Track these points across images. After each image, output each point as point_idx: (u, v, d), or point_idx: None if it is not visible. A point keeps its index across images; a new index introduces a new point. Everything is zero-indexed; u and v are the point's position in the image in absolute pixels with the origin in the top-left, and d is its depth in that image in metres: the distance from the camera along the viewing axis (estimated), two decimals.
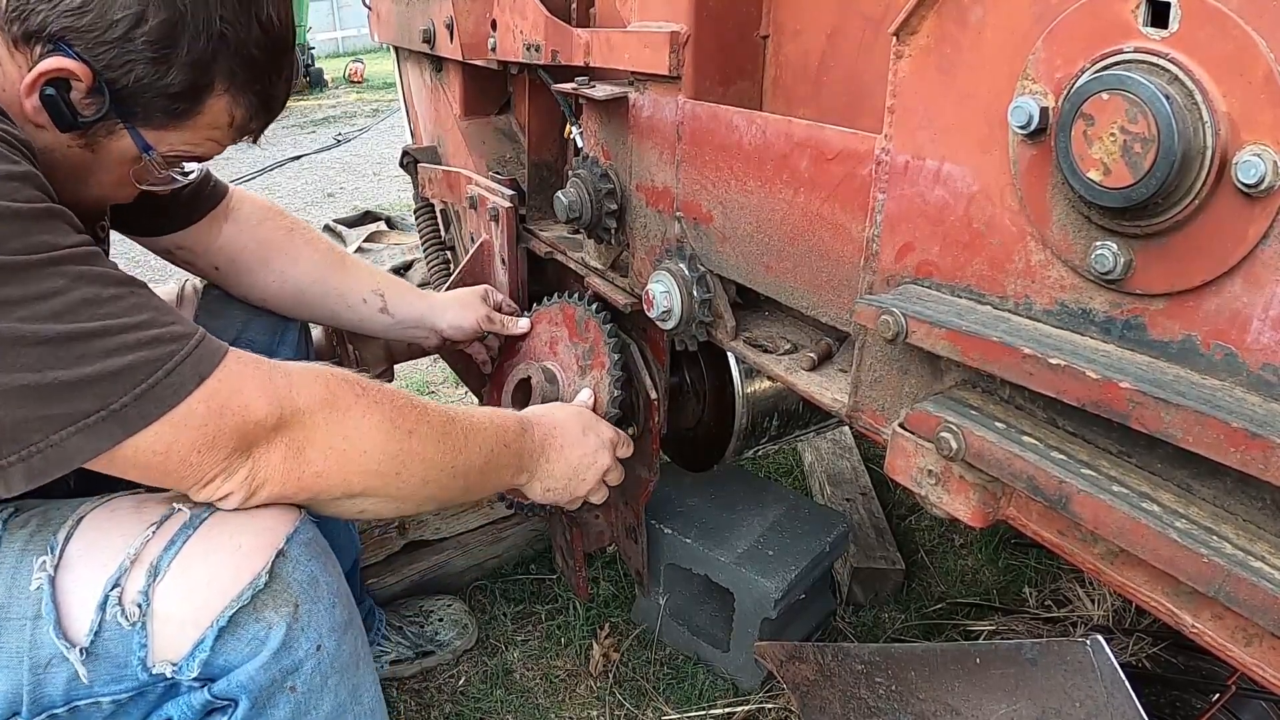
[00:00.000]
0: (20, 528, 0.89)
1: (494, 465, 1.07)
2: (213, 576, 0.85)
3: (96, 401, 0.76)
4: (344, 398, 0.92)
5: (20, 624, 0.84)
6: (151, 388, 0.79)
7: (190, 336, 0.82)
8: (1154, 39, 0.56)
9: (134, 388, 0.78)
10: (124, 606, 0.83)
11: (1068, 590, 1.78)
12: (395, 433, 0.95)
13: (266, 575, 0.86)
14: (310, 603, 0.89)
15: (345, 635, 0.93)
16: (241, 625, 0.85)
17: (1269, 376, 0.55)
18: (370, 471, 0.94)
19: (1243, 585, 0.53)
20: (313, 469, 0.90)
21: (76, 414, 0.76)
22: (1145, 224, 0.59)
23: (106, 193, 1.03)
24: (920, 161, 0.76)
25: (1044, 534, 0.72)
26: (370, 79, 12.91)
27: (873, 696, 1.26)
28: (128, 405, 0.78)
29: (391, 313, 1.48)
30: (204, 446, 0.83)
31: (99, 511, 0.90)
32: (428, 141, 2.14)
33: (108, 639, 0.83)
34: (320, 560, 0.92)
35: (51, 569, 0.84)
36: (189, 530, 0.87)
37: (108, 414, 0.77)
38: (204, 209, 1.37)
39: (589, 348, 1.40)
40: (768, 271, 1.01)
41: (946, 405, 0.74)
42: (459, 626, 1.71)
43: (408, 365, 2.87)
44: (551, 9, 1.32)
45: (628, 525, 1.62)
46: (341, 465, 0.92)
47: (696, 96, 1.07)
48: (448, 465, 1.01)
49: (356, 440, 0.92)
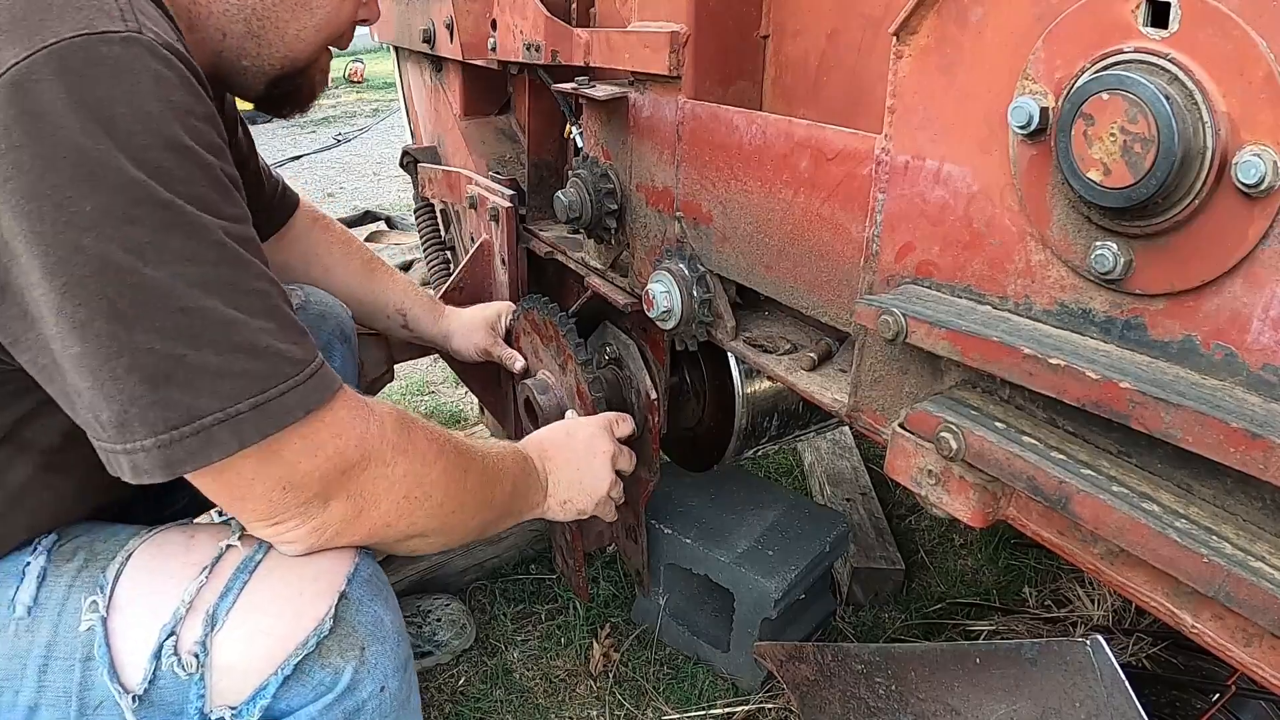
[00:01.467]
0: (66, 560, 0.86)
1: (521, 491, 1.08)
2: (274, 624, 0.82)
3: (216, 401, 0.71)
4: (417, 443, 0.89)
5: (69, 664, 0.82)
6: (266, 402, 0.73)
7: (309, 363, 0.77)
8: (1154, 39, 0.56)
9: (251, 395, 0.72)
10: (180, 656, 0.80)
11: (1068, 590, 1.78)
12: (456, 473, 0.93)
13: (331, 620, 0.83)
14: (376, 644, 0.86)
15: (405, 672, 0.91)
16: (306, 672, 0.82)
17: (1269, 376, 0.55)
18: (433, 514, 0.92)
19: (1243, 585, 0.53)
20: (384, 520, 0.87)
21: (193, 410, 0.70)
22: (1145, 224, 0.59)
23: (312, 39, 0.95)
24: (920, 161, 0.76)
25: (1044, 534, 0.72)
26: (370, 79, 12.89)
27: (873, 696, 1.26)
28: (245, 415, 0.72)
29: (411, 329, 1.56)
30: (288, 484, 0.78)
31: (148, 548, 0.87)
32: (428, 141, 2.14)
33: (163, 687, 0.81)
34: (382, 598, 0.89)
35: (103, 610, 0.82)
36: (244, 575, 0.83)
37: (225, 419, 0.71)
38: (281, 220, 1.40)
39: (558, 346, 1.41)
40: (768, 271, 1.01)
41: (946, 405, 0.74)
42: (457, 626, 1.71)
43: (408, 365, 2.87)
44: (551, 9, 1.32)
45: (628, 525, 1.62)
46: (410, 511, 0.89)
47: (696, 96, 1.06)
48: (490, 499, 1.00)
49: (428, 487, 0.90)
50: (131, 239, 0.67)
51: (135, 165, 0.67)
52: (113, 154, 0.67)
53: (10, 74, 0.65)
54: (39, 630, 0.83)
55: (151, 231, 0.68)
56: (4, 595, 0.85)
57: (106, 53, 0.67)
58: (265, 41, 0.91)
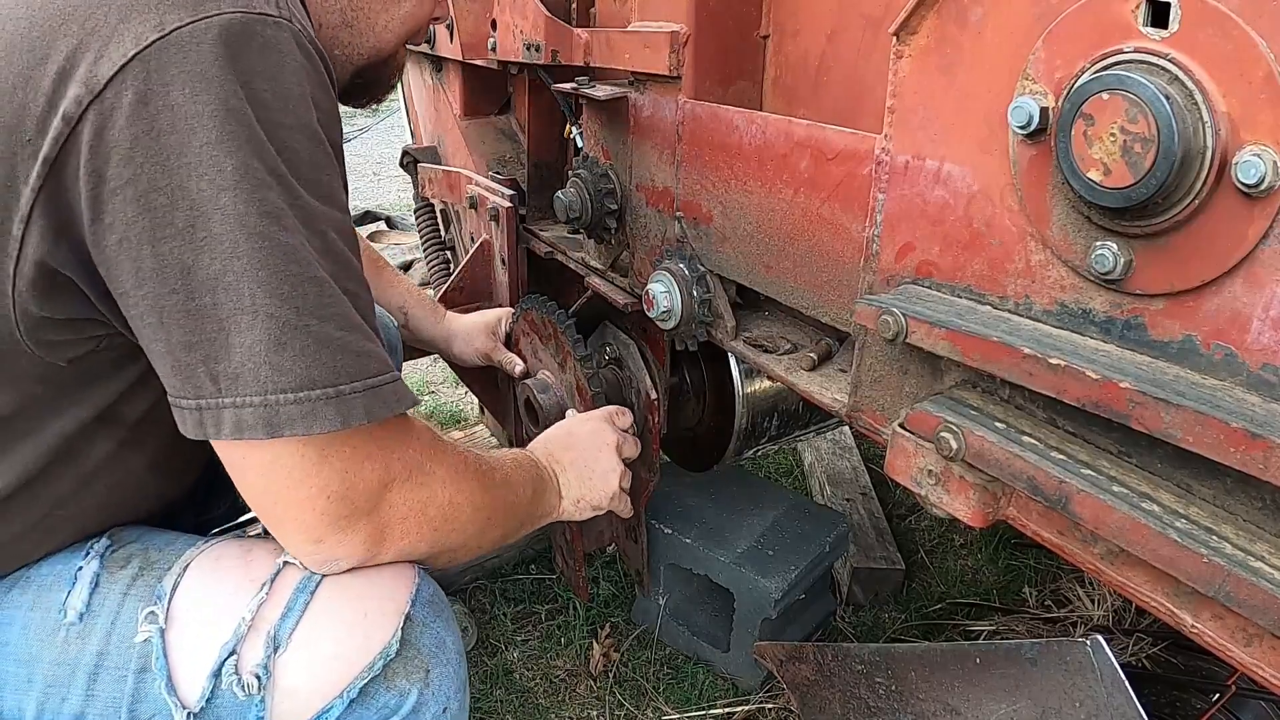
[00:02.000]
0: (120, 567, 0.86)
1: (537, 497, 1.08)
2: (340, 648, 0.80)
3: (329, 375, 0.72)
4: (447, 460, 0.89)
5: (120, 674, 0.81)
6: (378, 388, 0.75)
7: (387, 369, 0.79)
8: (1154, 39, 0.56)
9: (367, 377, 0.74)
10: (241, 677, 0.78)
11: (1068, 590, 1.78)
12: (479, 488, 0.94)
13: (397, 644, 0.82)
14: (440, 666, 0.85)
15: (464, 692, 0.90)
16: (372, 695, 0.81)
17: (1269, 376, 0.55)
18: (465, 530, 0.92)
19: (1243, 585, 0.53)
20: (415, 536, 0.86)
21: (306, 379, 0.71)
22: (1145, 224, 0.59)
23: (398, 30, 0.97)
24: (920, 161, 0.76)
25: (1044, 534, 0.72)
26: None
27: (873, 696, 1.26)
28: (356, 395, 0.73)
29: (411, 330, 1.57)
30: (334, 494, 0.78)
31: (204, 560, 0.86)
32: (428, 141, 2.14)
33: (220, 705, 0.79)
34: (444, 619, 0.88)
35: (162, 621, 0.81)
36: (305, 594, 0.82)
37: (336, 395, 0.72)
38: None
39: (556, 344, 1.41)
40: (768, 271, 1.01)
41: (946, 405, 0.74)
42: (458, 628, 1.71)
43: (408, 365, 2.86)
44: (551, 9, 1.32)
45: (628, 525, 1.62)
46: (442, 527, 0.89)
47: (696, 96, 1.06)
48: (512, 510, 1.01)
49: (457, 504, 0.90)
50: (268, 202, 0.70)
51: (271, 140, 0.70)
52: (253, 123, 0.69)
53: (174, 36, 0.67)
54: (90, 637, 0.82)
55: (283, 200, 0.71)
56: (54, 599, 0.84)
57: (261, 32, 0.70)
58: (357, 31, 0.94)
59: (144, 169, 0.67)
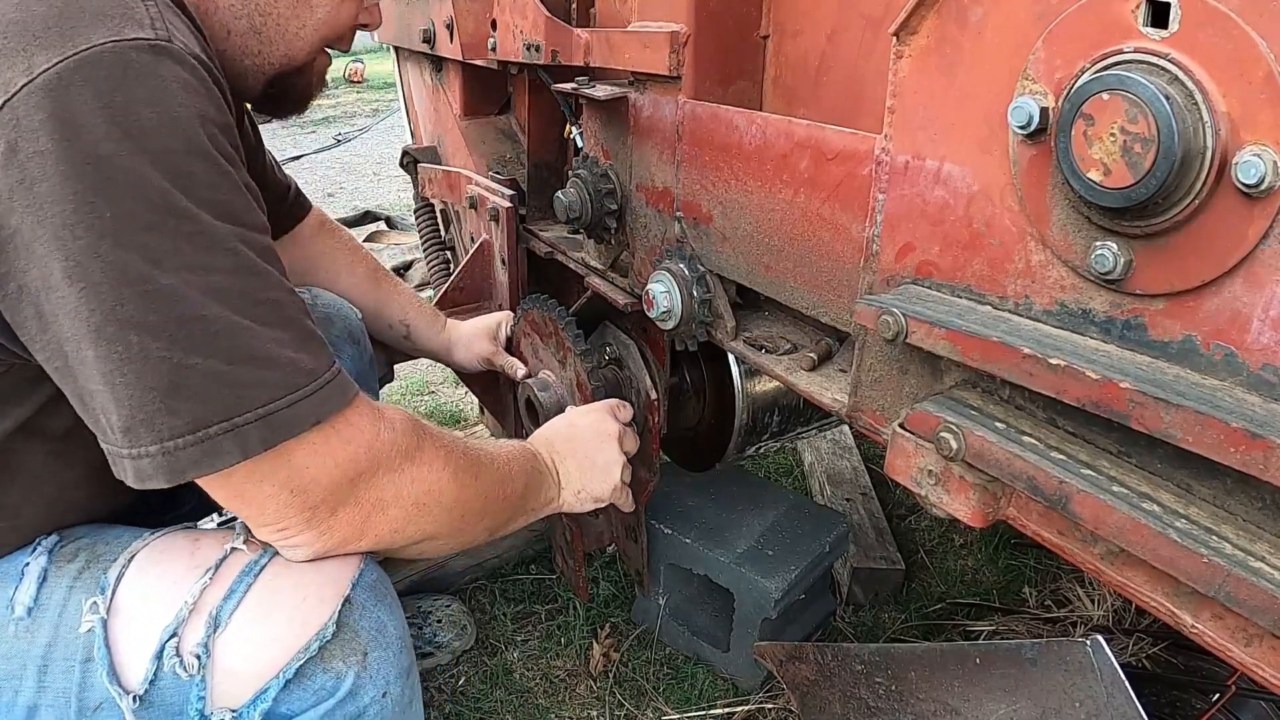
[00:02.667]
0: (68, 561, 0.87)
1: (533, 489, 1.08)
2: (278, 628, 0.82)
3: (221, 411, 0.71)
4: (427, 449, 0.90)
5: (68, 665, 0.82)
6: (274, 413, 0.74)
7: (322, 373, 0.78)
8: (1154, 39, 0.56)
9: (258, 406, 0.73)
10: (182, 657, 0.80)
11: (1068, 590, 1.78)
12: (466, 478, 0.94)
13: (334, 625, 0.83)
14: (380, 650, 0.86)
15: (408, 679, 0.91)
16: (308, 675, 0.83)
17: (1269, 376, 0.55)
18: (442, 520, 0.92)
19: (1243, 585, 0.53)
20: (393, 526, 0.88)
21: (199, 419, 0.71)
22: (1145, 224, 0.59)
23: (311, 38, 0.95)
24: (920, 161, 0.76)
25: (1044, 534, 0.72)
26: (370, 79, 12.89)
27: (873, 696, 1.26)
28: (250, 425, 0.73)
29: (413, 341, 1.57)
30: (296, 489, 0.79)
31: (150, 551, 0.87)
32: (428, 141, 2.14)
33: (163, 687, 0.81)
34: (386, 604, 0.89)
35: (104, 611, 0.82)
36: (249, 578, 0.84)
37: (231, 429, 0.72)
38: (290, 225, 1.41)
39: (557, 341, 1.41)
40: (768, 271, 1.01)
41: (946, 405, 0.74)
42: (458, 628, 1.71)
43: (408, 365, 2.87)
44: (551, 9, 1.32)
45: (628, 525, 1.62)
46: (419, 517, 0.89)
47: (696, 96, 1.06)
48: (501, 501, 1.01)
49: (437, 493, 0.90)
50: (150, 247, 0.68)
51: (160, 172, 0.69)
52: (137, 161, 0.67)
53: (42, 79, 0.66)
54: (39, 631, 0.83)
55: (170, 239, 0.69)
56: (3, 595, 0.85)
57: (136, 59, 0.68)
58: (266, 39, 0.92)
59: (24, 220, 0.67)
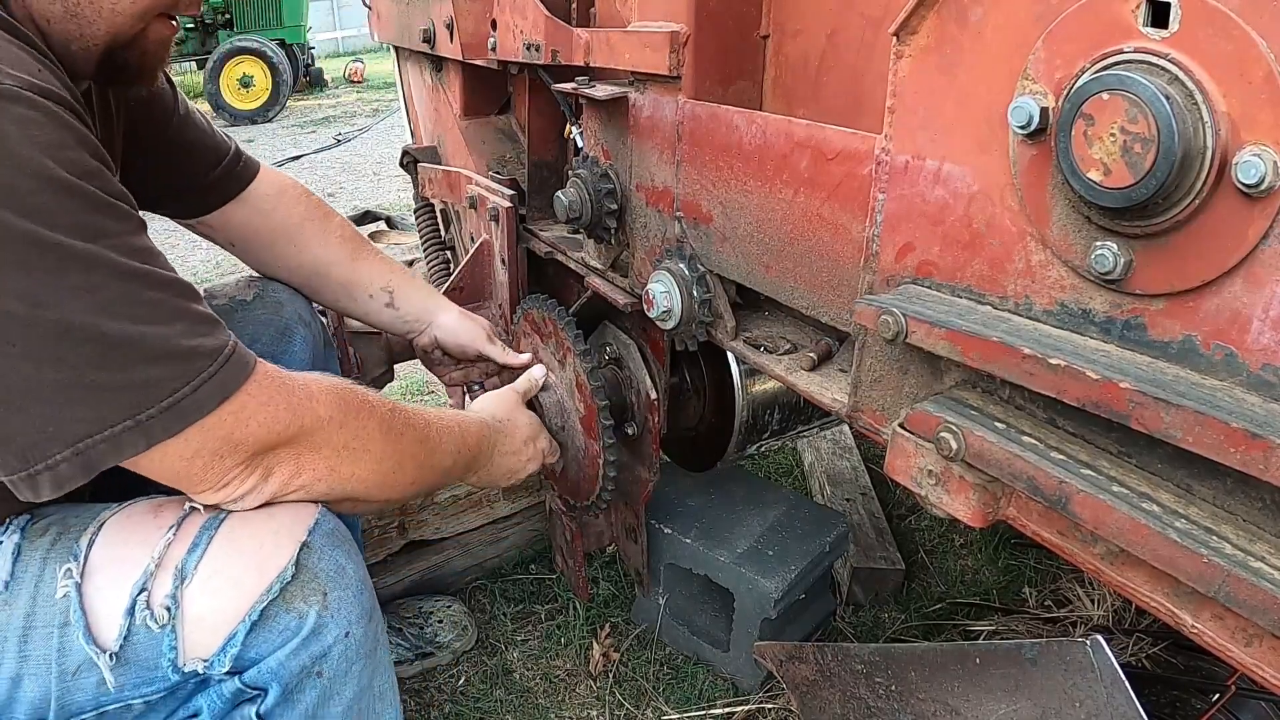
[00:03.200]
0: (40, 535, 0.90)
1: (459, 464, 1.15)
2: (240, 573, 0.86)
3: (124, 411, 0.77)
4: (351, 406, 0.95)
5: (47, 632, 0.85)
6: (177, 402, 0.79)
7: (219, 351, 0.83)
8: (1154, 39, 0.56)
9: (160, 400, 0.78)
10: (153, 610, 0.84)
11: (1068, 590, 1.78)
12: (391, 435, 0.99)
13: (293, 567, 0.88)
14: (339, 590, 0.90)
15: (370, 621, 0.95)
16: (272, 617, 0.86)
17: (1269, 377, 0.55)
18: (369, 473, 0.98)
19: (1243, 585, 0.53)
20: (321, 475, 0.93)
21: (104, 421, 0.76)
22: (1145, 224, 0.59)
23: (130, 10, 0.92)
24: (920, 161, 0.76)
25: (1044, 534, 0.72)
26: (370, 79, 12.90)
27: (873, 696, 1.26)
28: (154, 418, 0.78)
29: (397, 306, 1.49)
30: (224, 453, 0.84)
31: (119, 517, 0.91)
32: (428, 141, 2.14)
33: (137, 643, 0.84)
34: (344, 549, 0.93)
35: (78, 576, 0.85)
36: (210, 530, 0.88)
37: (134, 424, 0.77)
38: (233, 191, 1.36)
39: (557, 341, 1.41)
40: (768, 271, 1.01)
41: (946, 405, 0.74)
42: (458, 628, 1.71)
43: (408, 365, 2.86)
44: (551, 9, 1.32)
45: (628, 525, 1.62)
46: (349, 469, 0.95)
47: (696, 96, 1.06)
48: (428, 463, 1.07)
49: (361, 447, 0.96)
50: (23, 286, 0.72)
51: (16, 214, 0.71)
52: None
53: None
54: (17, 603, 0.86)
55: (44, 274, 0.72)
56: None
57: None
58: (84, 19, 0.90)
59: None
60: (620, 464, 1.39)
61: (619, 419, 1.41)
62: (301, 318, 1.41)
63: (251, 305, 1.38)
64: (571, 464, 1.48)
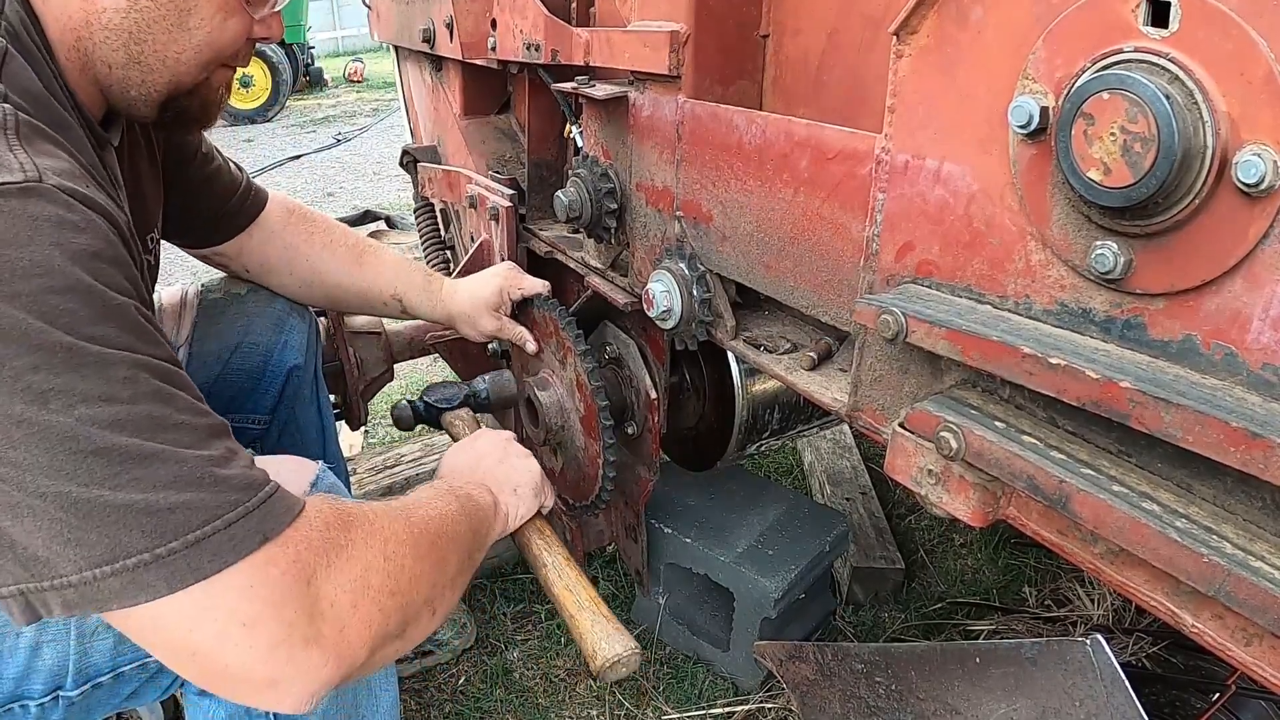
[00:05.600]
0: None
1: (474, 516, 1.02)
2: None
3: (142, 539, 0.66)
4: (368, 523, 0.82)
5: None
6: (207, 536, 0.68)
7: (260, 486, 0.73)
8: (1154, 39, 0.56)
9: (187, 532, 0.67)
10: None
11: (1068, 590, 1.78)
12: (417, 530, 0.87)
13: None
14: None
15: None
16: None
17: (1269, 376, 0.55)
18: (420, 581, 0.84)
19: (1243, 585, 0.53)
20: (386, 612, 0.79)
21: (118, 550, 0.66)
22: (1145, 224, 0.59)
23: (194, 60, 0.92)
24: (920, 161, 0.76)
25: (1044, 533, 0.72)
26: (370, 78, 12.90)
27: (873, 696, 1.26)
28: (177, 553, 0.67)
29: (412, 313, 1.55)
30: (251, 620, 0.69)
31: None
32: (428, 141, 2.14)
33: None
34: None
35: None
36: None
37: (153, 559, 0.66)
38: (246, 221, 1.40)
39: (557, 340, 1.41)
40: (768, 271, 1.01)
41: (946, 405, 0.74)
42: (458, 626, 1.71)
43: (407, 365, 2.87)
44: (551, 8, 1.32)
45: (628, 525, 1.62)
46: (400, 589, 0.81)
47: (696, 96, 1.06)
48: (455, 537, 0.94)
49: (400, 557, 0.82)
50: (33, 388, 0.65)
51: (32, 314, 0.66)
52: (7, 306, 0.65)
53: None
54: None
55: (56, 377, 0.66)
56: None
57: (4, 206, 0.67)
58: (147, 67, 0.90)
59: None
60: (620, 463, 1.39)
61: (619, 419, 1.41)
62: (294, 307, 1.47)
63: (245, 298, 1.45)
64: (571, 463, 1.48)
